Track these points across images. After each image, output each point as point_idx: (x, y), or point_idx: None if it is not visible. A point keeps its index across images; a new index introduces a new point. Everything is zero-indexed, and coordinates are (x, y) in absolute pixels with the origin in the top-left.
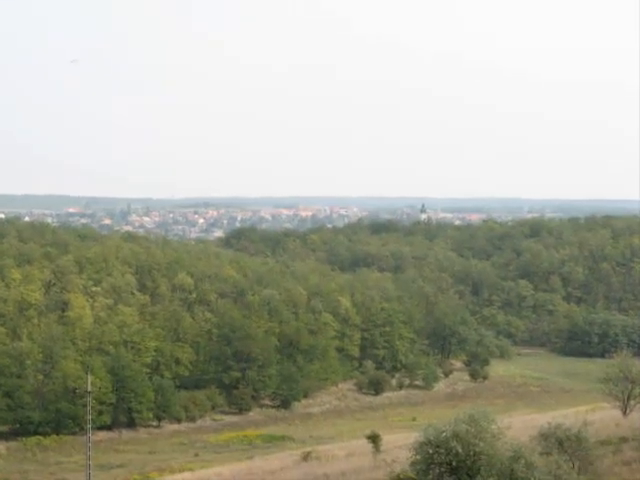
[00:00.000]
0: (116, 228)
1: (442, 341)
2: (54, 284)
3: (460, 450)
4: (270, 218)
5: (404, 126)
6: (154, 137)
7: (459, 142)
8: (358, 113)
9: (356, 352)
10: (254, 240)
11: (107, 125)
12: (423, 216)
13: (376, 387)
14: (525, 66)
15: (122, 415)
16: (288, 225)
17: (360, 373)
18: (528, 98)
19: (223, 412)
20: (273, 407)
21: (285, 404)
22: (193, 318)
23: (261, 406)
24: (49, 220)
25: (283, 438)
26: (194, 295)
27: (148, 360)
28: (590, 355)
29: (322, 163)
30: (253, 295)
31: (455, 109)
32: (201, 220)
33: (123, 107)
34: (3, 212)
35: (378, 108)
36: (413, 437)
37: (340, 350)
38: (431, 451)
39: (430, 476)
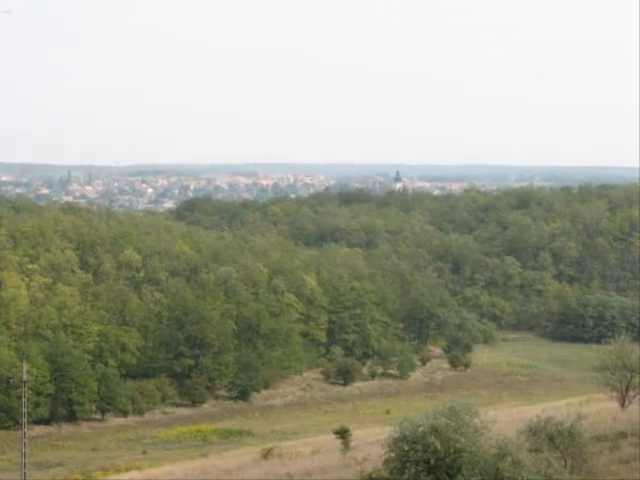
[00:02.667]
0: (55, 198)
1: (419, 325)
2: None
3: (439, 446)
4: (226, 187)
5: (376, 81)
6: (96, 96)
7: (438, 101)
8: (325, 68)
9: (323, 337)
10: (209, 212)
11: (43, 83)
12: (398, 185)
13: (345, 376)
14: (514, 13)
15: (61, 407)
16: (247, 195)
17: (327, 360)
18: (515, 49)
19: (174, 404)
20: (230, 398)
21: (243, 395)
22: (141, 299)
23: (217, 397)
24: None
25: (241, 433)
26: (142, 273)
27: (90, 346)
28: (584, 340)
29: (285, 125)
30: (208, 273)
31: (436, 62)
32: (149, 190)
33: (61, 62)
34: None
35: (345, 60)
36: (386, 432)
37: (305, 335)
38: (406, 448)
39: (405, 475)
